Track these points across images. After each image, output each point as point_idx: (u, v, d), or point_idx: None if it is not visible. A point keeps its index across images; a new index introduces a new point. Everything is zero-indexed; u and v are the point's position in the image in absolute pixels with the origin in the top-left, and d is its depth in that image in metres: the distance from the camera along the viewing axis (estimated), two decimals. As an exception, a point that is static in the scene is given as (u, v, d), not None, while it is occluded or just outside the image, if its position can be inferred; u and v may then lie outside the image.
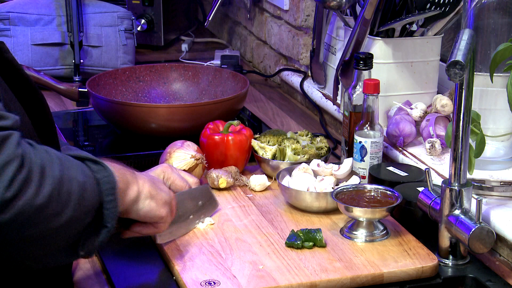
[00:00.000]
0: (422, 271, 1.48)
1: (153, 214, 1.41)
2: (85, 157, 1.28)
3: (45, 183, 1.16)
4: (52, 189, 1.16)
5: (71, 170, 1.21)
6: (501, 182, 1.66)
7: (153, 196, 1.40)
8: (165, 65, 2.31)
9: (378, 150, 1.78)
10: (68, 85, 2.32)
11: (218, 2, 2.69)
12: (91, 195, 1.24)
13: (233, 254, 1.52)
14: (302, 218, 1.66)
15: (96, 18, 2.60)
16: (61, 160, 1.21)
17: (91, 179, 1.25)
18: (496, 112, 1.70)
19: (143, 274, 1.50)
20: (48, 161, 1.18)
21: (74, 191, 1.20)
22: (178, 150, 1.77)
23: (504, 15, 1.66)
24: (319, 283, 1.44)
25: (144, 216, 1.40)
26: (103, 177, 1.27)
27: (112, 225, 1.27)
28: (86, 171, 1.25)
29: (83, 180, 1.22)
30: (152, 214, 1.40)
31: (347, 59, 1.99)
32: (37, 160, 1.16)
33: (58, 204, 1.17)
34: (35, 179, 1.14)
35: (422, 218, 1.61)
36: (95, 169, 1.27)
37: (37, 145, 1.20)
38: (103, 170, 1.28)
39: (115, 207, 1.27)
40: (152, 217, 1.41)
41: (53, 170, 1.18)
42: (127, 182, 1.35)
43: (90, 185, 1.24)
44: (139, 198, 1.37)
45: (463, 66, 1.34)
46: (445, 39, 2.05)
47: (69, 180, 1.20)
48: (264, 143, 1.87)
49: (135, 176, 1.38)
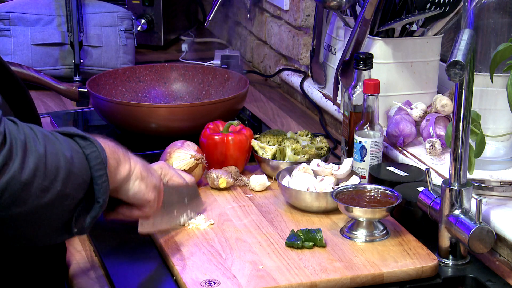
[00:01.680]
0: (422, 271, 1.48)
1: (141, 196, 1.41)
2: (74, 133, 1.27)
3: (29, 158, 1.15)
4: (36, 163, 1.15)
5: (56, 145, 1.20)
6: (501, 182, 1.66)
7: (143, 178, 1.40)
8: (165, 65, 2.31)
9: (378, 150, 1.78)
10: (68, 85, 2.32)
11: (218, 2, 2.69)
12: (80, 170, 1.23)
13: (233, 254, 1.52)
14: (302, 218, 1.66)
15: (96, 18, 2.60)
16: (46, 136, 1.20)
17: (79, 154, 1.24)
18: (496, 112, 1.70)
19: (143, 274, 1.50)
20: (31, 137, 1.17)
21: (61, 166, 1.19)
22: (178, 150, 1.77)
23: (504, 15, 1.66)
24: (319, 283, 1.44)
25: (132, 197, 1.40)
26: (92, 152, 1.26)
27: (103, 200, 1.27)
28: (74, 147, 1.24)
29: (70, 155, 1.22)
30: (140, 196, 1.40)
31: (347, 59, 1.99)
32: (19, 136, 1.15)
33: (45, 179, 1.17)
34: (18, 154, 1.14)
35: (422, 218, 1.61)
36: (83, 144, 1.26)
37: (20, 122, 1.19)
38: (92, 145, 1.27)
39: (106, 181, 1.27)
40: (140, 199, 1.41)
41: (36, 145, 1.17)
42: (118, 160, 1.34)
43: (78, 160, 1.23)
44: (129, 177, 1.37)
45: (463, 66, 1.34)
46: (445, 39, 2.05)
47: (55, 154, 1.19)
48: (264, 143, 1.87)
49: (128, 155, 1.38)
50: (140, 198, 1.41)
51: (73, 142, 1.25)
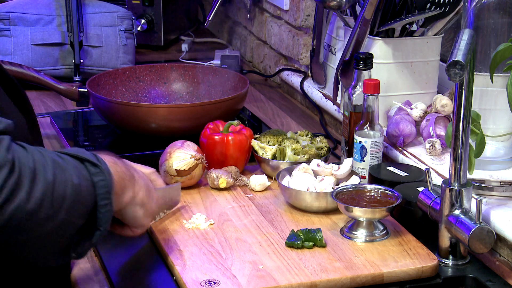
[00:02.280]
0: (422, 271, 1.48)
1: (138, 221, 1.42)
2: (84, 158, 1.27)
3: (36, 187, 1.15)
4: (43, 193, 1.15)
5: (66, 172, 1.20)
6: (501, 182, 1.66)
7: (144, 204, 1.41)
8: (165, 65, 2.31)
9: (378, 150, 1.78)
10: (68, 85, 2.32)
11: (218, 2, 2.69)
12: (85, 198, 1.23)
13: (233, 254, 1.52)
14: (302, 218, 1.66)
15: (96, 18, 2.60)
16: (56, 162, 1.20)
17: (87, 181, 1.24)
18: (496, 112, 1.70)
19: (143, 273, 1.50)
20: (41, 163, 1.17)
21: (67, 194, 1.19)
22: (178, 150, 1.77)
23: (504, 15, 1.66)
24: (319, 283, 1.44)
25: (129, 220, 1.41)
26: (100, 180, 1.26)
27: (105, 228, 1.27)
28: (83, 173, 1.24)
29: (79, 182, 1.21)
30: (137, 221, 1.42)
31: (347, 59, 1.99)
32: (28, 164, 1.15)
33: (51, 208, 1.16)
34: (25, 183, 1.13)
35: (422, 218, 1.61)
36: (93, 171, 1.26)
37: (30, 147, 1.19)
38: (101, 173, 1.26)
39: (109, 211, 1.27)
40: (135, 223, 1.43)
41: (45, 173, 1.17)
42: (124, 187, 1.35)
43: (85, 188, 1.23)
44: (131, 203, 1.38)
45: (463, 66, 1.34)
46: (445, 39, 2.05)
47: (63, 182, 1.19)
48: (264, 143, 1.87)
49: (134, 180, 1.38)
50: (136, 223, 1.43)
51: (82, 168, 1.25)
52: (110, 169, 1.29)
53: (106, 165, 1.29)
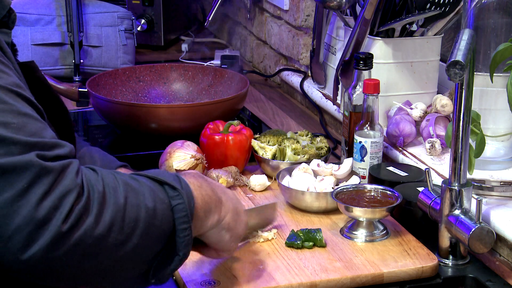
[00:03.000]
0: (422, 271, 1.48)
1: (223, 245, 1.36)
2: (164, 181, 1.22)
3: (106, 211, 1.12)
4: (113, 217, 1.12)
5: (139, 196, 1.17)
6: (501, 182, 1.66)
7: (230, 229, 1.34)
8: (165, 65, 2.31)
9: (378, 150, 1.78)
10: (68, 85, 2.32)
11: (218, 2, 2.69)
12: (162, 222, 1.19)
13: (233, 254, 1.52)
14: (302, 218, 1.66)
15: (96, 18, 2.60)
16: (128, 185, 1.17)
17: (164, 205, 1.20)
18: (496, 112, 1.70)
19: (143, 274, 1.50)
20: (111, 186, 1.14)
21: (140, 218, 1.15)
22: (178, 150, 1.77)
23: (504, 15, 1.66)
24: (319, 283, 1.44)
25: (214, 244, 1.36)
26: (178, 204, 1.21)
27: (184, 253, 1.22)
28: (159, 196, 1.20)
29: (153, 206, 1.17)
30: (222, 245, 1.36)
31: (347, 59, 1.99)
32: (98, 187, 1.13)
33: (121, 232, 1.13)
34: (94, 207, 1.11)
35: (422, 218, 1.61)
36: (172, 194, 1.21)
37: (101, 170, 1.16)
38: (179, 196, 1.21)
39: (189, 235, 1.22)
40: (221, 247, 1.37)
41: (116, 196, 1.14)
42: (208, 211, 1.29)
43: (161, 211, 1.19)
44: (217, 227, 1.32)
45: (463, 66, 1.34)
46: (445, 39, 2.04)
47: (136, 206, 1.15)
48: (264, 143, 1.87)
49: (220, 204, 1.32)
50: (222, 247, 1.36)
51: (161, 190, 1.21)
52: (193, 192, 1.24)
53: (189, 188, 1.24)
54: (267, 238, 1.56)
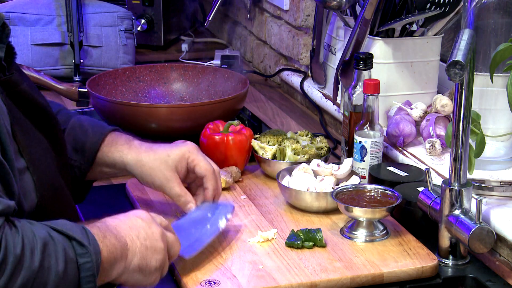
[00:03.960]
0: (422, 271, 1.48)
1: (140, 284, 1.35)
2: (72, 237, 1.22)
3: (20, 273, 1.13)
4: (25, 282, 1.13)
5: (52, 258, 1.17)
6: (501, 182, 1.66)
7: (141, 269, 1.33)
8: (165, 65, 2.31)
9: (378, 150, 1.78)
10: (68, 85, 2.32)
11: (218, 2, 2.69)
12: (69, 282, 1.20)
13: (233, 254, 1.52)
14: (302, 218, 1.66)
15: (96, 18, 2.60)
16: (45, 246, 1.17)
17: (72, 264, 1.20)
18: (496, 112, 1.70)
19: (143, 274, 1.50)
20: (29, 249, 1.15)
21: (50, 282, 1.16)
22: (178, 150, 1.76)
23: (504, 15, 1.66)
24: (319, 283, 1.44)
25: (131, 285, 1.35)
26: (86, 262, 1.21)
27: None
28: (69, 255, 1.20)
29: (63, 268, 1.18)
30: (139, 284, 1.35)
31: (347, 59, 1.99)
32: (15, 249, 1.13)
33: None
34: (8, 269, 1.12)
35: (422, 218, 1.61)
36: (79, 252, 1.21)
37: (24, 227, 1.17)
38: (87, 255, 1.21)
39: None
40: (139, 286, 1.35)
41: (32, 259, 1.15)
42: (113, 261, 1.28)
43: (70, 271, 1.20)
44: (124, 273, 1.31)
45: (463, 66, 1.34)
46: (445, 39, 2.04)
47: (48, 270, 1.16)
48: (264, 143, 1.87)
49: (126, 249, 1.30)
50: (139, 286, 1.35)
51: (69, 247, 1.21)
52: (99, 246, 1.24)
53: (96, 241, 1.24)
54: (267, 238, 1.56)
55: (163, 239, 1.36)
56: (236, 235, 1.59)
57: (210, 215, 1.58)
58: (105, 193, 1.80)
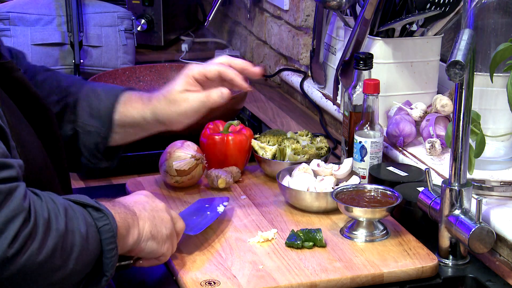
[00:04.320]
0: (422, 271, 1.48)
1: (155, 253, 1.40)
2: (87, 204, 1.26)
3: (49, 237, 1.15)
4: (55, 243, 1.15)
5: (74, 221, 1.20)
6: (501, 182, 1.66)
7: (154, 236, 1.38)
8: (165, 65, 2.30)
9: (378, 150, 1.78)
10: (68, 85, 2.32)
11: (218, 2, 2.69)
12: (92, 245, 1.23)
13: (233, 254, 1.52)
14: (302, 218, 1.66)
15: (96, 18, 2.60)
16: (66, 210, 1.20)
17: (92, 228, 1.24)
18: (496, 112, 1.70)
19: (143, 274, 1.50)
20: (53, 212, 1.17)
21: (76, 243, 1.19)
22: (178, 150, 1.77)
23: (504, 15, 1.66)
24: (319, 283, 1.44)
25: (147, 256, 1.40)
26: (104, 225, 1.25)
27: (111, 273, 1.26)
28: (88, 220, 1.24)
29: (85, 230, 1.21)
30: (154, 254, 1.40)
31: (347, 59, 1.99)
32: (43, 213, 1.15)
33: (61, 258, 1.16)
34: (39, 233, 1.13)
35: (422, 218, 1.61)
36: (96, 216, 1.25)
37: (43, 194, 1.19)
38: (104, 217, 1.26)
39: (115, 255, 1.26)
40: (154, 255, 1.40)
41: (58, 222, 1.17)
42: (128, 227, 1.33)
43: (91, 235, 1.23)
44: (140, 240, 1.36)
45: (463, 66, 1.34)
46: (445, 39, 2.05)
47: (73, 232, 1.19)
48: (264, 143, 1.87)
49: (136, 218, 1.36)
50: (154, 255, 1.40)
51: (87, 214, 1.25)
52: (111, 213, 1.28)
53: (107, 209, 1.28)
54: (267, 238, 1.56)
55: (167, 211, 1.42)
56: (236, 235, 1.59)
57: (208, 205, 1.63)
58: (105, 193, 1.80)
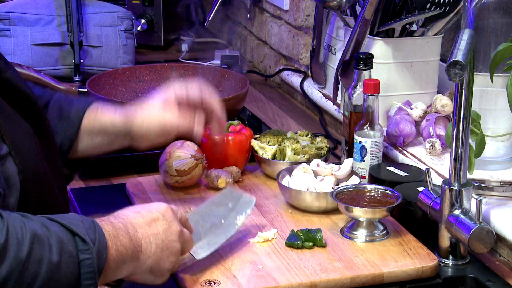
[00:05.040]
0: (422, 271, 1.48)
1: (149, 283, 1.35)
2: (75, 232, 1.20)
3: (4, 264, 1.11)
4: (10, 271, 1.11)
5: (45, 249, 1.15)
6: (501, 182, 1.66)
7: (153, 271, 1.32)
8: (165, 65, 2.31)
9: (378, 150, 1.78)
10: (68, 85, 2.32)
11: (218, 2, 2.69)
12: (67, 276, 1.17)
13: (233, 254, 1.52)
14: (302, 218, 1.66)
15: (96, 18, 2.60)
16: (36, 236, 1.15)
17: (71, 258, 1.18)
18: (496, 112, 1.70)
19: (143, 274, 1.50)
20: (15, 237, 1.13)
21: (41, 273, 1.14)
22: (178, 150, 1.77)
23: (504, 15, 1.66)
24: (319, 283, 1.44)
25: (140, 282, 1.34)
26: (86, 259, 1.19)
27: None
28: (68, 249, 1.18)
29: (58, 260, 1.16)
30: (149, 283, 1.35)
31: (347, 59, 1.99)
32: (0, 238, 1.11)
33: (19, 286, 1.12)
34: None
35: (422, 218, 1.61)
36: (81, 248, 1.20)
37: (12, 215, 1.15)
38: (89, 251, 1.20)
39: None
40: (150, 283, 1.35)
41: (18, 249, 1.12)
42: (122, 261, 1.27)
43: (66, 265, 1.17)
44: (135, 273, 1.30)
45: (463, 66, 1.34)
46: (445, 39, 2.05)
47: (38, 261, 1.14)
48: (264, 143, 1.87)
49: (139, 252, 1.29)
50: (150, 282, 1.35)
51: (71, 241, 1.19)
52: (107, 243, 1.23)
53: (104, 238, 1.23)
54: (267, 238, 1.56)
55: (180, 239, 1.35)
56: (236, 235, 1.58)
57: (231, 205, 1.56)
58: (105, 193, 1.80)
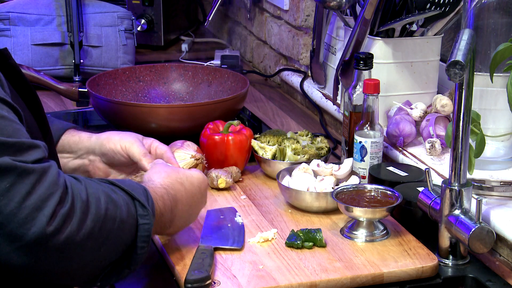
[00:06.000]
0: (422, 271, 1.48)
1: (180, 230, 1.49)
2: (136, 198, 1.28)
3: (88, 219, 1.16)
4: (93, 226, 1.16)
5: (117, 207, 1.22)
6: (501, 182, 1.66)
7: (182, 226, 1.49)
8: (165, 65, 2.31)
9: (378, 150, 1.78)
10: (68, 85, 2.32)
11: (218, 2, 2.69)
12: (127, 236, 1.25)
13: (233, 254, 1.52)
14: (302, 218, 1.66)
15: (96, 18, 2.60)
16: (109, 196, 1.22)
17: (132, 221, 1.26)
18: (496, 112, 1.70)
19: (143, 274, 1.50)
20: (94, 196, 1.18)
21: (114, 230, 1.20)
22: (178, 150, 1.77)
23: (504, 15, 1.66)
24: (319, 283, 1.44)
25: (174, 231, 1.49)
26: (145, 223, 1.27)
27: (135, 268, 1.28)
28: (131, 212, 1.26)
29: (126, 219, 1.23)
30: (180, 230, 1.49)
31: (347, 59, 1.99)
32: (81, 195, 1.16)
33: (96, 241, 1.18)
34: (77, 214, 1.14)
35: (422, 218, 1.61)
36: (141, 213, 1.28)
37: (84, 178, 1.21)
38: (147, 217, 1.28)
39: (145, 253, 1.28)
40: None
41: (98, 206, 1.18)
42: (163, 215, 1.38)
43: (129, 226, 1.25)
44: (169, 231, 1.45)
45: (463, 66, 1.34)
46: (445, 39, 2.05)
47: (113, 219, 1.20)
48: (264, 143, 1.87)
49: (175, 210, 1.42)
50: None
51: (132, 205, 1.27)
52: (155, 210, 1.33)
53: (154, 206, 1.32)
54: (267, 238, 1.56)
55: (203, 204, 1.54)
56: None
57: (222, 216, 1.64)
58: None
